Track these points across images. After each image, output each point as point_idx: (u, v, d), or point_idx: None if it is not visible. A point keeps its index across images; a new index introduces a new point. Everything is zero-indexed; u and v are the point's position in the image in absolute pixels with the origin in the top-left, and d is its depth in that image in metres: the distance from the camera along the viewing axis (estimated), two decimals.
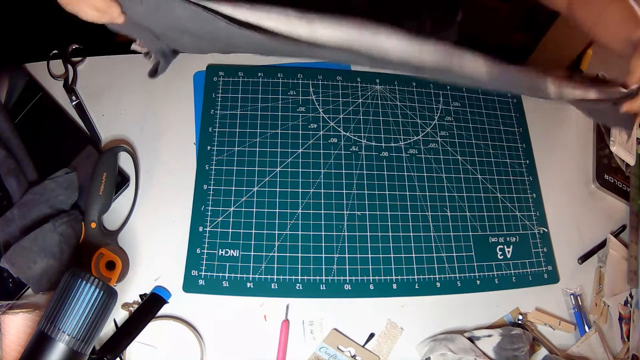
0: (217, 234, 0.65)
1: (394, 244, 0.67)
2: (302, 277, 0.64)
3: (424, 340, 0.63)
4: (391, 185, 0.71)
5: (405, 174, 0.72)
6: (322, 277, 0.64)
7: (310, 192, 0.69)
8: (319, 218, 0.68)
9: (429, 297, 0.66)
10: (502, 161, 0.77)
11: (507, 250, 0.71)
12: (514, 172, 0.76)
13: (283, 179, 0.69)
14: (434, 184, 0.72)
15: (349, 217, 0.68)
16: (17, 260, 0.57)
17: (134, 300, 0.61)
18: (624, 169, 0.82)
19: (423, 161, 0.74)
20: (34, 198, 0.60)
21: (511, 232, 0.72)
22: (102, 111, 0.72)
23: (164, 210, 0.66)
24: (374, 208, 0.69)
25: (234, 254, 0.64)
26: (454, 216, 0.71)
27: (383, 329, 0.63)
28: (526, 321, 0.66)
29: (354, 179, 0.71)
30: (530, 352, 0.63)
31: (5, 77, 0.71)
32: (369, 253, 0.66)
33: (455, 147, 0.76)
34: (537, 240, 0.73)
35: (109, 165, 0.64)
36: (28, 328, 0.53)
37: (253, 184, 0.68)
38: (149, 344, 0.58)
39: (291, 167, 0.70)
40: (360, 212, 0.69)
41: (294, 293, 0.63)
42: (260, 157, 0.70)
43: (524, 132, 0.80)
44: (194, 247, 0.64)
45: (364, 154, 0.73)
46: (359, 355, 0.61)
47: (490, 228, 0.71)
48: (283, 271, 0.64)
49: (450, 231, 0.70)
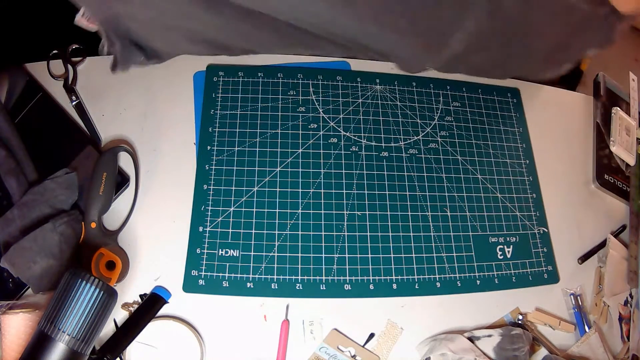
0: (217, 234, 0.65)
1: (394, 244, 0.67)
2: (302, 277, 0.64)
3: (424, 340, 0.63)
4: (391, 185, 0.71)
5: (405, 174, 0.72)
6: (322, 277, 0.64)
7: (310, 192, 0.69)
8: (319, 218, 0.68)
9: (429, 297, 0.66)
10: (502, 161, 0.77)
11: (507, 250, 0.71)
12: (514, 172, 0.76)
13: (283, 179, 0.69)
14: (434, 184, 0.72)
15: (349, 217, 0.68)
16: (17, 260, 0.57)
17: (134, 300, 0.61)
18: (624, 169, 0.82)
19: (423, 161, 0.74)
20: (34, 198, 0.60)
21: (511, 232, 0.72)
22: (102, 111, 0.72)
23: (164, 210, 0.66)
24: (374, 208, 0.69)
25: (234, 254, 0.64)
26: (454, 216, 0.71)
27: (383, 329, 0.63)
28: (526, 321, 0.66)
29: (354, 179, 0.71)
30: (530, 352, 0.63)
31: (5, 77, 0.71)
32: (369, 253, 0.66)
33: (455, 147, 0.76)
34: (537, 240, 0.73)
35: (109, 165, 0.64)
36: (28, 328, 0.53)
37: (253, 184, 0.69)
38: (149, 344, 0.58)
39: (291, 167, 0.70)
40: (360, 212, 0.69)
41: (294, 293, 0.63)
42: (260, 157, 0.70)
43: (524, 132, 0.80)
44: (194, 247, 0.64)
45: (364, 154, 0.73)
46: (359, 355, 0.61)
47: (490, 228, 0.71)
48: (283, 271, 0.64)
49: (450, 231, 0.70)
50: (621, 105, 0.86)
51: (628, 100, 0.88)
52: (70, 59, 0.74)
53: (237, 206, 0.67)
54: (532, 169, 0.77)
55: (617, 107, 0.84)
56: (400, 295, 0.65)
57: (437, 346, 0.60)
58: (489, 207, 0.73)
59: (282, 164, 0.70)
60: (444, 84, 0.80)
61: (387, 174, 0.72)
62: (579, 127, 0.84)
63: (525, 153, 0.78)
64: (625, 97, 0.88)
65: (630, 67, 0.93)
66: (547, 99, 0.85)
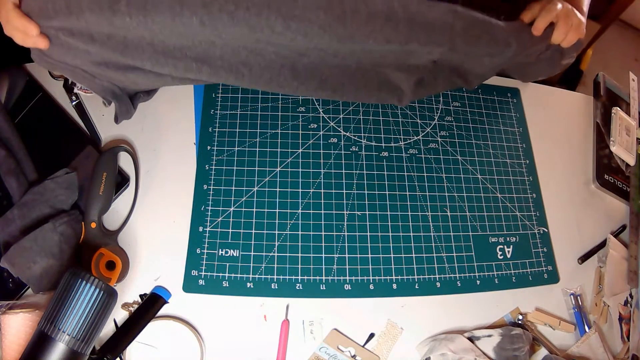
0: (217, 234, 0.65)
1: (394, 244, 0.67)
2: (302, 277, 0.64)
3: (424, 340, 0.63)
4: (391, 185, 0.71)
5: (405, 174, 0.72)
6: (322, 277, 0.64)
7: (310, 192, 0.69)
8: (319, 218, 0.68)
9: (429, 297, 0.66)
10: (502, 161, 0.77)
11: (507, 250, 0.71)
12: (514, 172, 0.76)
13: (283, 179, 0.69)
14: (434, 184, 0.72)
15: (349, 217, 0.68)
16: (17, 260, 0.57)
17: (134, 300, 0.61)
18: (624, 169, 0.82)
19: (423, 161, 0.74)
20: (34, 198, 0.60)
21: (511, 232, 0.72)
22: (102, 111, 0.72)
23: (164, 210, 0.66)
24: (374, 208, 0.69)
25: (234, 254, 0.64)
26: (454, 216, 0.71)
27: (383, 329, 0.63)
28: (526, 321, 0.66)
29: (354, 179, 0.71)
30: (530, 352, 0.63)
31: (5, 77, 0.71)
32: (369, 253, 0.66)
33: (455, 147, 0.76)
34: (537, 240, 0.73)
35: (109, 165, 0.64)
36: (28, 328, 0.53)
37: (253, 184, 0.68)
38: (149, 344, 0.58)
39: (291, 167, 0.70)
40: (360, 212, 0.69)
41: (294, 293, 0.63)
42: (260, 157, 0.70)
43: (524, 132, 0.80)
44: (194, 247, 0.64)
45: (364, 154, 0.73)
46: (359, 355, 0.61)
47: (490, 228, 0.71)
48: (283, 271, 0.64)
49: (450, 231, 0.70)
50: (621, 105, 0.86)
51: (628, 100, 0.88)
52: None
53: (237, 206, 0.67)
54: (532, 169, 0.77)
55: (617, 107, 0.84)
56: (400, 295, 0.65)
57: (437, 346, 0.60)
58: (489, 207, 0.73)
59: (282, 164, 0.70)
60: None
61: (387, 174, 0.72)
62: (579, 127, 0.84)
63: (525, 153, 0.78)
64: (625, 97, 0.88)
65: (630, 67, 0.94)
66: (547, 99, 0.85)
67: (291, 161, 0.71)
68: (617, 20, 1.55)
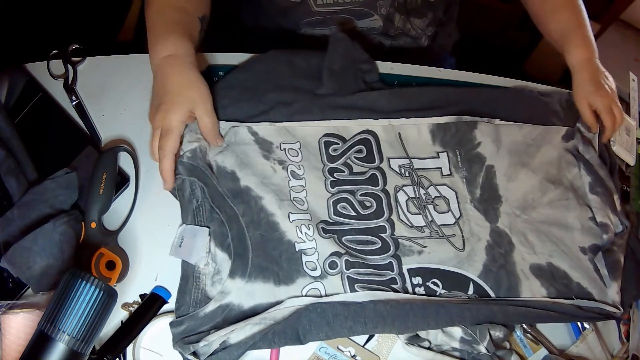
0: None
1: None
2: None
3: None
4: None
5: None
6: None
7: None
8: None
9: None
10: None
11: None
12: None
13: None
14: None
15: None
16: (17, 260, 0.57)
17: (134, 300, 0.61)
18: (624, 169, 0.82)
19: None
20: (34, 198, 0.60)
21: None
22: (102, 111, 0.72)
23: (164, 210, 0.66)
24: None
25: None
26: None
27: None
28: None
29: None
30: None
31: (5, 77, 0.71)
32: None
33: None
34: None
35: (109, 165, 0.64)
36: (28, 328, 0.53)
37: None
38: (154, 350, 0.58)
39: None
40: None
41: None
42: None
43: None
44: None
45: None
46: (359, 355, 0.61)
47: None
48: None
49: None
50: (621, 105, 0.86)
51: (628, 100, 0.88)
52: (70, 59, 0.74)
53: None
54: None
55: None
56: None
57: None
58: None
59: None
60: (444, 84, 0.80)
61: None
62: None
63: None
64: (625, 97, 0.88)
65: (630, 67, 0.93)
66: None
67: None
68: (617, 20, 1.55)
